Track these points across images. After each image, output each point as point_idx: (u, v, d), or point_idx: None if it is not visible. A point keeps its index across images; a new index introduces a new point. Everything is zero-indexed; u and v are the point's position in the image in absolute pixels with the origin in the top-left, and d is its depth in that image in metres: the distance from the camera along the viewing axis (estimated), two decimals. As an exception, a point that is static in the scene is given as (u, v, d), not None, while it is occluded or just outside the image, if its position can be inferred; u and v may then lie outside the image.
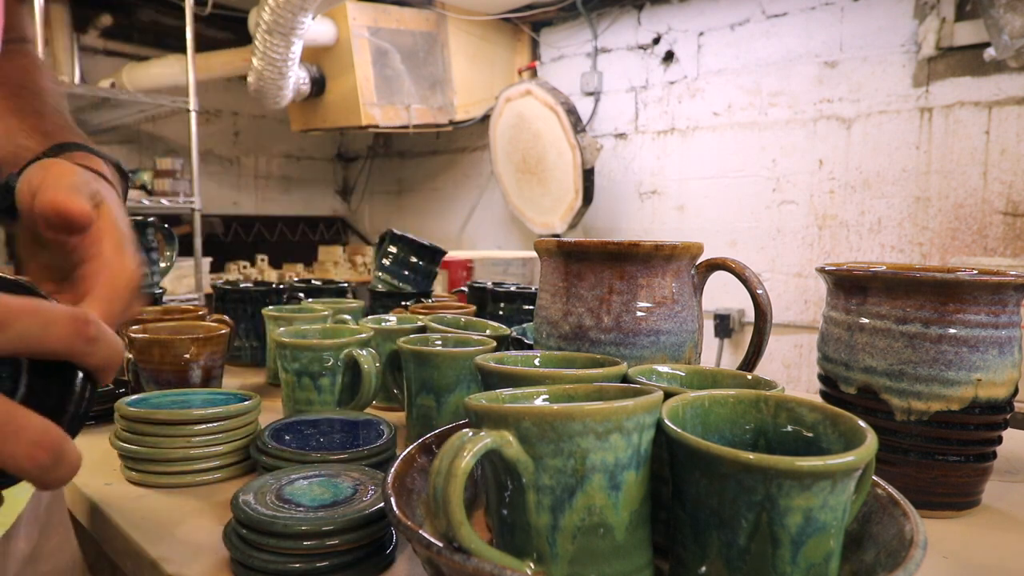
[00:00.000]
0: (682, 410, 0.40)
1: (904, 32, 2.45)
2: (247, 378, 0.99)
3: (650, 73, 3.16)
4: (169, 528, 0.52)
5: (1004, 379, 0.54)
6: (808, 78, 2.68)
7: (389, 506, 0.39)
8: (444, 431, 0.51)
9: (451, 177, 4.03)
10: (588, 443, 0.34)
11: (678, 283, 0.59)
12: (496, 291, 0.98)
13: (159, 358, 0.73)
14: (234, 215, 4.01)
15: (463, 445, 0.34)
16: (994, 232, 2.32)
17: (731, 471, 0.33)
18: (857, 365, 0.57)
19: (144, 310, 0.90)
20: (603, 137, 3.32)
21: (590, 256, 0.59)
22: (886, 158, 2.52)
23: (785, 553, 0.33)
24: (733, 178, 2.91)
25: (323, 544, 0.43)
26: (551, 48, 3.52)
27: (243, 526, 0.44)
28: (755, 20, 2.81)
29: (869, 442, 0.34)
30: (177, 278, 2.83)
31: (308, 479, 0.51)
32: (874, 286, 0.56)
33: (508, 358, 0.53)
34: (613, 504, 0.35)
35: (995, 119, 2.29)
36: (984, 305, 0.53)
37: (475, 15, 3.41)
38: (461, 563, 0.33)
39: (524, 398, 0.41)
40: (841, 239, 2.64)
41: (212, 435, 0.61)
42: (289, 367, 0.73)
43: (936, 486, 0.55)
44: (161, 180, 2.78)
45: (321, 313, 0.88)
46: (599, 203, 3.25)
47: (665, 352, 0.58)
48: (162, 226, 1.05)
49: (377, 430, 0.62)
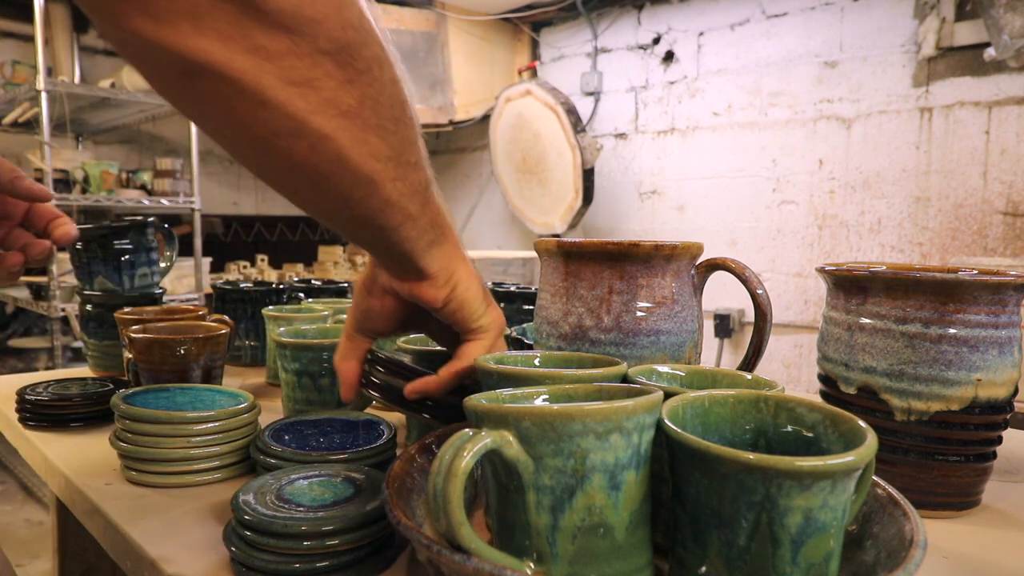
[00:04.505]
0: (682, 410, 0.40)
1: (904, 32, 2.45)
2: (247, 378, 0.99)
3: (650, 73, 3.16)
4: (169, 528, 0.52)
5: (1004, 379, 0.54)
6: (808, 78, 2.68)
7: (389, 506, 0.39)
8: (444, 431, 0.51)
9: (451, 177, 4.02)
10: (588, 443, 0.34)
11: (678, 283, 0.59)
12: (496, 291, 0.98)
13: (159, 358, 0.73)
14: (234, 215, 4.01)
15: (463, 445, 0.34)
16: (994, 232, 2.32)
17: (731, 471, 0.33)
18: (857, 365, 0.57)
19: (144, 310, 0.90)
20: (603, 137, 3.31)
21: (590, 256, 0.59)
22: (886, 158, 2.52)
23: (785, 553, 0.33)
24: (733, 178, 2.91)
25: (323, 544, 0.43)
26: (551, 48, 3.52)
27: (243, 526, 0.44)
28: (755, 20, 2.81)
29: (869, 442, 0.34)
30: (177, 278, 2.83)
31: (308, 479, 0.51)
32: (874, 286, 0.56)
33: (508, 358, 0.53)
34: (613, 504, 0.35)
35: (995, 119, 2.29)
36: (984, 305, 0.53)
37: (475, 15, 3.41)
38: (461, 563, 0.33)
39: (524, 398, 0.41)
40: (841, 239, 2.64)
41: (212, 435, 0.61)
42: (289, 367, 0.73)
43: (936, 486, 0.55)
44: (161, 180, 2.78)
45: (321, 313, 0.88)
46: (599, 203, 3.25)
47: (665, 352, 0.58)
48: (162, 226, 1.05)
49: (377, 430, 0.62)
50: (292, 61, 0.35)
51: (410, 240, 0.48)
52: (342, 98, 0.38)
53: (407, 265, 0.51)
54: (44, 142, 2.32)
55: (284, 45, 0.35)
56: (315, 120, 0.37)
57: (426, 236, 0.49)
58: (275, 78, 0.35)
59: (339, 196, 0.42)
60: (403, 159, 0.44)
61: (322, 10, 0.35)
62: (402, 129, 0.43)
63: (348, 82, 0.38)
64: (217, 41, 0.33)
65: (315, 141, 0.38)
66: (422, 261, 0.51)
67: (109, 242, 1.00)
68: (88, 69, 3.26)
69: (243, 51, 0.34)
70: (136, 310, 0.90)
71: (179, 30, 0.33)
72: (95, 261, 1.00)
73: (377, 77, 0.40)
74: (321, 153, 0.39)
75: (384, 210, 0.44)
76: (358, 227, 0.47)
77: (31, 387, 0.81)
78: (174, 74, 0.35)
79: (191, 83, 0.35)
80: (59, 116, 2.48)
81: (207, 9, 0.33)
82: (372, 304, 0.56)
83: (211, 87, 0.35)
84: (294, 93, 0.36)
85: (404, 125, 0.43)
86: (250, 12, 0.33)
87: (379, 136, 0.41)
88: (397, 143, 0.43)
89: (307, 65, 0.36)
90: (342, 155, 0.40)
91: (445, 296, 0.53)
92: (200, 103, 0.37)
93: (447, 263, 0.53)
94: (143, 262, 1.02)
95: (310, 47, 0.35)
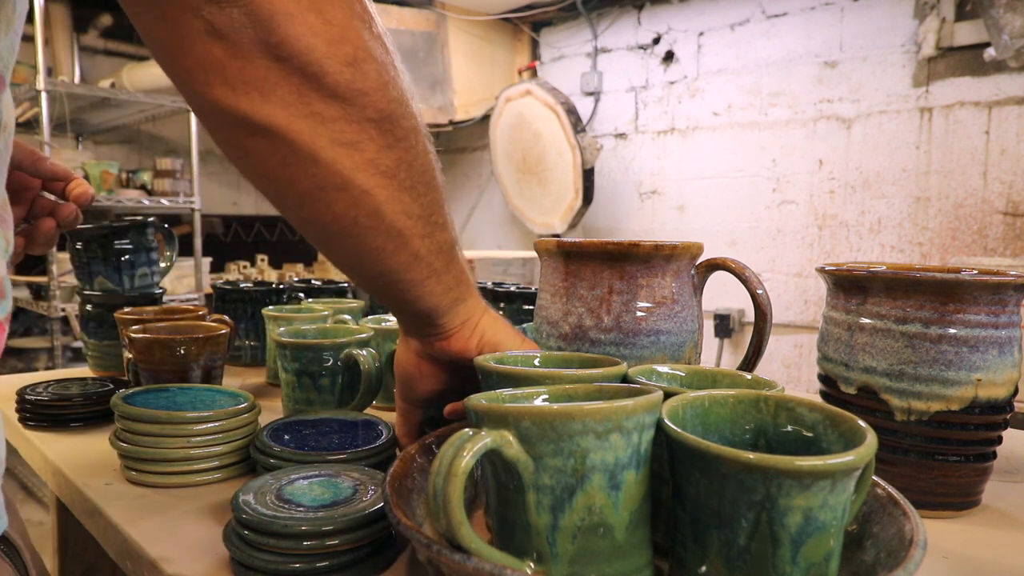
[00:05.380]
0: (682, 410, 0.40)
1: (904, 32, 2.45)
2: (247, 378, 0.99)
3: (650, 73, 3.16)
4: (169, 528, 0.52)
5: (1004, 379, 0.54)
6: (808, 78, 2.68)
7: (389, 506, 0.39)
8: (444, 431, 0.51)
9: (451, 177, 4.02)
10: (588, 443, 0.34)
11: (678, 283, 0.59)
12: (496, 291, 0.98)
13: (159, 358, 0.73)
14: (234, 215, 4.01)
15: (463, 445, 0.34)
16: (994, 232, 2.32)
17: (731, 471, 0.33)
18: (857, 365, 0.57)
19: (144, 310, 0.90)
20: (603, 137, 3.31)
21: (590, 256, 0.59)
22: (886, 158, 2.52)
23: (785, 553, 0.33)
24: (733, 178, 2.91)
25: (323, 544, 0.43)
26: (551, 48, 3.52)
27: (243, 526, 0.44)
28: (755, 20, 2.81)
29: (869, 442, 0.34)
30: (177, 278, 2.83)
31: (308, 479, 0.51)
32: (874, 286, 0.56)
33: (508, 358, 0.53)
34: (613, 504, 0.35)
35: (995, 119, 2.29)
36: (984, 305, 0.53)
37: (475, 15, 3.41)
38: (461, 563, 0.33)
39: (524, 398, 0.41)
40: (841, 239, 2.64)
41: (212, 435, 0.61)
42: (289, 367, 0.73)
43: (936, 486, 0.55)
44: (161, 180, 2.78)
45: (321, 313, 0.88)
46: (599, 203, 3.25)
47: (665, 352, 0.58)
48: (162, 226, 1.05)
49: (376, 430, 0.62)
50: (343, 126, 0.41)
51: (435, 295, 0.52)
52: (382, 160, 0.44)
53: (432, 322, 0.54)
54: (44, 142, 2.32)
55: (337, 112, 0.41)
56: (358, 177, 0.43)
57: (451, 293, 0.53)
58: (327, 140, 0.41)
59: (373, 248, 0.47)
60: (431, 219, 0.49)
61: (372, 85, 0.41)
62: (431, 192, 0.48)
63: (388, 147, 0.44)
64: (280, 107, 0.40)
65: (357, 195, 0.44)
66: (445, 317, 0.54)
67: (109, 242, 1.00)
68: (88, 69, 3.26)
69: (302, 116, 0.40)
70: (136, 310, 0.90)
71: (251, 98, 0.39)
72: (95, 261, 1.00)
73: (413, 145, 0.45)
74: (361, 206, 0.44)
75: (412, 264, 0.49)
76: (387, 280, 0.50)
77: (31, 387, 0.81)
78: (246, 135, 0.41)
79: (255, 141, 0.41)
80: (59, 116, 2.48)
81: (276, 80, 0.39)
82: (411, 372, 0.59)
83: (272, 145, 0.41)
84: (342, 153, 0.42)
85: (433, 188, 0.49)
86: (312, 84, 0.40)
87: (411, 196, 0.46)
88: (427, 204, 0.48)
89: (355, 130, 0.42)
90: (379, 210, 0.45)
91: (477, 344, 0.55)
92: (262, 160, 0.42)
93: (469, 315, 0.55)
94: (143, 262, 1.02)
95: (359, 115, 0.42)
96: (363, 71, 0.41)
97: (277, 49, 0.38)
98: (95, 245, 1.00)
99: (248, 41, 0.38)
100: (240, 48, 0.38)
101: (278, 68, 0.39)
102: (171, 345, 0.74)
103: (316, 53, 0.39)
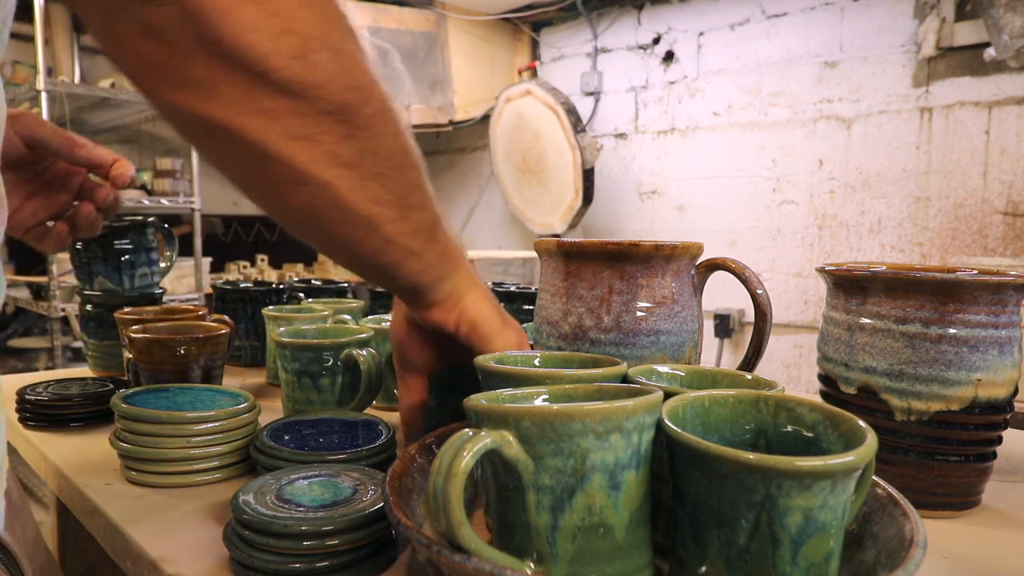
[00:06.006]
0: (682, 410, 0.40)
1: (904, 32, 2.45)
2: (247, 378, 0.99)
3: (650, 73, 3.16)
4: (169, 528, 0.52)
5: (1004, 379, 0.54)
6: (808, 78, 2.68)
7: (389, 506, 0.39)
8: (444, 431, 0.51)
9: (451, 177, 4.02)
10: (588, 443, 0.34)
11: (678, 283, 0.59)
12: (496, 291, 0.98)
13: (159, 358, 0.73)
14: (234, 215, 4.00)
15: (463, 445, 0.34)
16: (994, 232, 2.32)
17: (731, 471, 0.33)
18: (857, 365, 0.57)
19: (144, 310, 0.90)
20: (603, 137, 3.31)
21: (590, 256, 0.59)
22: (886, 158, 2.52)
23: (785, 553, 0.33)
24: (733, 178, 2.91)
25: (323, 544, 0.43)
26: (551, 48, 3.52)
27: (243, 526, 0.44)
28: (755, 20, 2.81)
29: (869, 442, 0.34)
30: (177, 278, 2.83)
31: (308, 479, 0.51)
32: (874, 286, 0.56)
33: (508, 358, 0.53)
34: (613, 504, 0.35)
35: (995, 119, 2.29)
36: (984, 305, 0.53)
37: (475, 15, 3.41)
38: (461, 563, 0.33)
39: (524, 398, 0.41)
40: (841, 239, 2.64)
41: (212, 435, 0.61)
42: (289, 367, 0.73)
43: (936, 486, 0.55)
44: (161, 180, 2.78)
45: (321, 313, 0.88)
46: (599, 203, 3.25)
47: (665, 352, 0.58)
48: (162, 226, 1.05)
49: (376, 430, 0.62)
50: (294, 120, 0.40)
51: (416, 274, 0.52)
52: (342, 151, 0.42)
53: (415, 296, 0.55)
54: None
55: (288, 107, 0.40)
56: (316, 170, 0.42)
57: (433, 271, 0.53)
58: (279, 135, 0.40)
59: (340, 237, 0.47)
60: (405, 202, 0.48)
61: (324, 77, 0.40)
62: (405, 174, 0.47)
63: (348, 136, 0.42)
64: (227, 105, 0.39)
65: (316, 188, 0.43)
66: (428, 293, 0.54)
67: (109, 242, 1.00)
68: (88, 69, 3.26)
69: (250, 112, 0.39)
70: (136, 310, 0.90)
71: (197, 96, 0.38)
72: (95, 261, 1.00)
73: (378, 132, 0.44)
74: (322, 198, 0.43)
75: (384, 249, 0.48)
76: (362, 264, 0.50)
77: (31, 387, 0.81)
78: (199, 132, 0.41)
79: (209, 138, 0.41)
80: (59, 116, 2.48)
81: (219, 78, 0.38)
82: (402, 338, 0.60)
83: (225, 142, 0.40)
84: (296, 147, 0.41)
85: (406, 170, 0.47)
86: (258, 80, 0.38)
87: (379, 183, 0.45)
88: (400, 187, 0.47)
89: (309, 123, 0.41)
90: (342, 200, 0.44)
91: (455, 320, 0.55)
92: (219, 155, 0.42)
93: (455, 290, 0.55)
94: (143, 262, 1.02)
95: (311, 108, 0.40)
96: (312, 63, 0.39)
97: (217, 47, 0.37)
98: (95, 245, 1.00)
99: (186, 39, 0.37)
100: (178, 46, 0.37)
101: (220, 66, 0.37)
102: (171, 345, 0.74)
103: (259, 49, 0.37)
